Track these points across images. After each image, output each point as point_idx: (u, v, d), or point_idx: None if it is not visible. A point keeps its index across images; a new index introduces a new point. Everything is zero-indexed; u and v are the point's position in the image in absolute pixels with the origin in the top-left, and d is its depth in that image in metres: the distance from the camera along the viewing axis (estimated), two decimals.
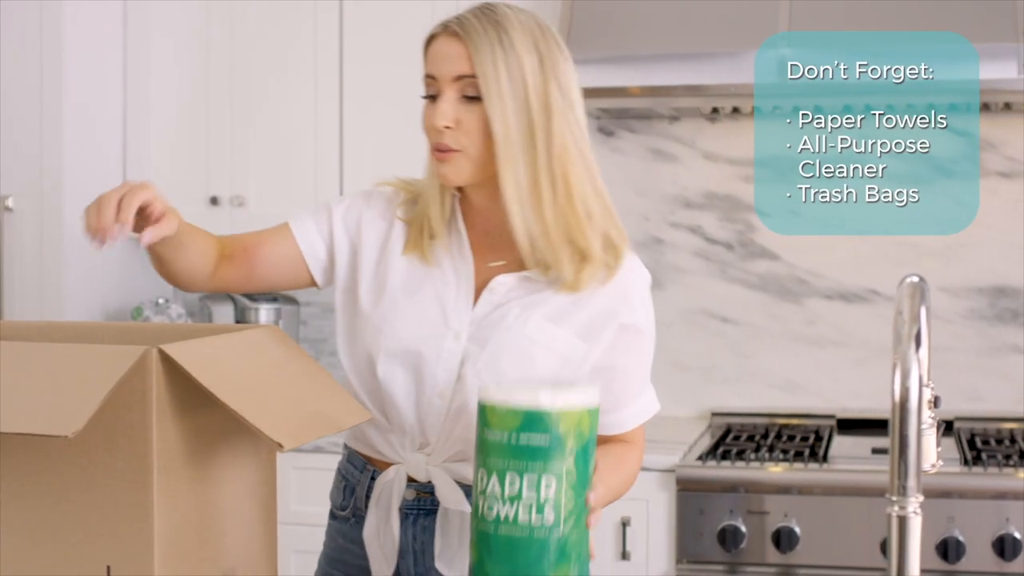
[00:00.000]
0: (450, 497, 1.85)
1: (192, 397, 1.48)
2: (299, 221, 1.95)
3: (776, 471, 2.97)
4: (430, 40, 1.85)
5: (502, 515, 1.53)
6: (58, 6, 3.45)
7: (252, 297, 3.67)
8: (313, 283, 1.96)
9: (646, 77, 3.17)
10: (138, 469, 1.43)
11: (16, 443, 1.46)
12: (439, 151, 1.81)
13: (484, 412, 1.56)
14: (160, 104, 3.68)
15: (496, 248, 1.88)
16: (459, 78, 1.79)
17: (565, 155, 1.80)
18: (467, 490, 1.86)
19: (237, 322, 3.65)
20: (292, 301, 3.72)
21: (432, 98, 1.82)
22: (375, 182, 2.00)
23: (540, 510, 1.52)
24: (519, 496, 1.52)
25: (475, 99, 1.78)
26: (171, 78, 3.67)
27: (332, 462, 3.28)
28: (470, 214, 1.91)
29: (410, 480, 1.90)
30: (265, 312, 3.63)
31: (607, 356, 1.87)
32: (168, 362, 1.43)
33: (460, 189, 1.90)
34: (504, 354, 1.82)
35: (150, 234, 1.69)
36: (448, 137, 1.79)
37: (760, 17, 3.13)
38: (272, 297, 3.69)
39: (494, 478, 1.53)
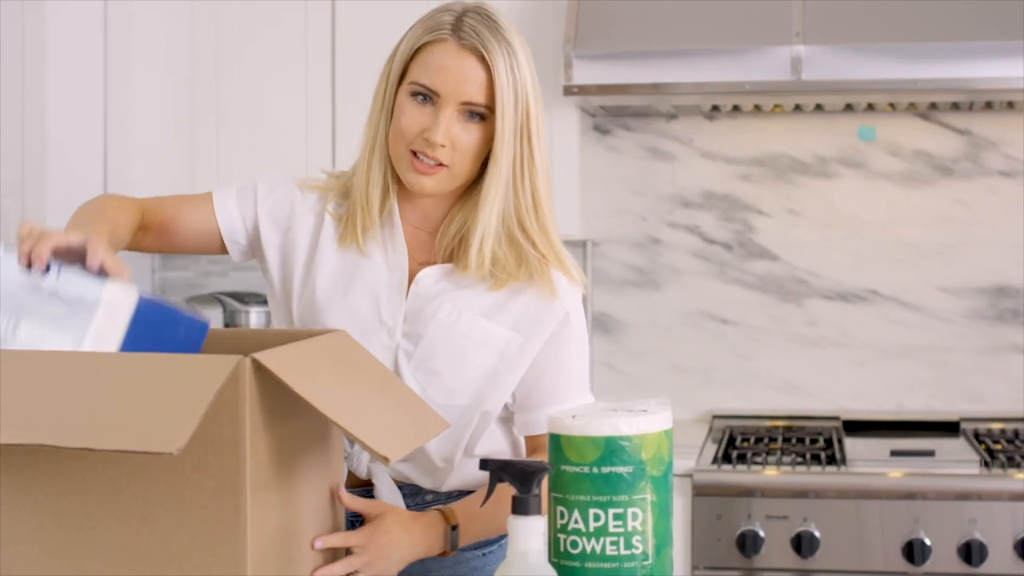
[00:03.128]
0: (388, 497, 1.84)
1: (279, 408, 1.40)
2: (223, 202, 1.92)
3: (794, 475, 2.93)
4: (433, 45, 1.78)
5: (588, 550, 1.45)
6: (40, 6, 3.33)
7: (242, 300, 3.56)
8: (225, 253, 1.95)
9: (657, 74, 3.11)
10: (230, 487, 1.34)
11: (95, 461, 1.37)
12: (423, 162, 1.78)
13: (559, 444, 1.47)
14: (143, 104, 3.57)
15: (427, 248, 1.88)
16: (467, 103, 1.77)
17: (543, 183, 1.82)
18: (405, 489, 1.87)
19: (227, 326, 3.54)
20: None
21: (422, 98, 1.78)
22: (305, 179, 1.97)
23: (628, 543, 1.45)
24: (605, 530, 1.44)
25: (472, 120, 1.78)
26: (154, 78, 3.56)
27: None
28: (407, 211, 1.89)
29: (353, 486, 1.87)
30: (255, 315, 3.53)
31: (543, 352, 1.86)
32: (260, 372, 1.35)
33: (403, 184, 1.86)
34: (437, 352, 1.81)
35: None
36: (440, 152, 1.77)
37: (773, 16, 3.08)
38: (263, 300, 3.58)
39: (575, 513, 1.45)
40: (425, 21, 1.80)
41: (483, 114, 1.77)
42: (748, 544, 2.88)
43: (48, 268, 1.50)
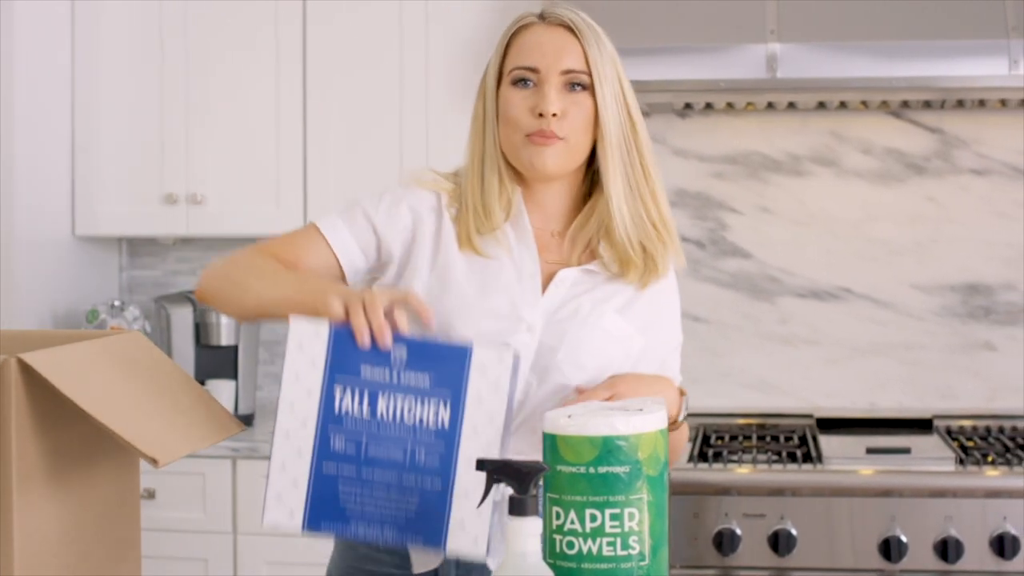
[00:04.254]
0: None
1: (53, 409, 1.36)
2: (334, 232, 1.89)
3: (770, 473, 2.92)
4: (523, 30, 1.86)
5: (585, 550, 1.43)
6: (8, 7, 3.29)
7: None
8: (344, 282, 1.93)
9: (631, 72, 3.08)
10: None
11: None
12: (542, 138, 1.80)
13: (555, 444, 1.45)
14: (110, 103, 3.53)
15: (551, 247, 1.90)
16: (568, 71, 1.81)
17: (649, 154, 1.86)
18: None
19: (197, 325, 3.51)
20: None
21: (524, 82, 1.82)
22: (410, 175, 1.96)
23: (625, 544, 1.43)
24: (602, 531, 1.43)
25: (579, 91, 1.81)
26: (122, 77, 3.52)
27: None
28: (530, 211, 1.91)
29: None
30: None
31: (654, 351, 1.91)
32: (28, 372, 1.31)
33: (524, 185, 1.90)
34: (583, 348, 1.82)
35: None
36: (555, 125, 1.80)
37: (748, 14, 3.08)
38: None
39: (572, 514, 1.43)
40: (509, 24, 1.88)
41: (585, 83, 1.82)
42: (725, 543, 2.88)
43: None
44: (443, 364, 1.50)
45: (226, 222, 3.50)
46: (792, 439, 3.26)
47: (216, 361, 3.51)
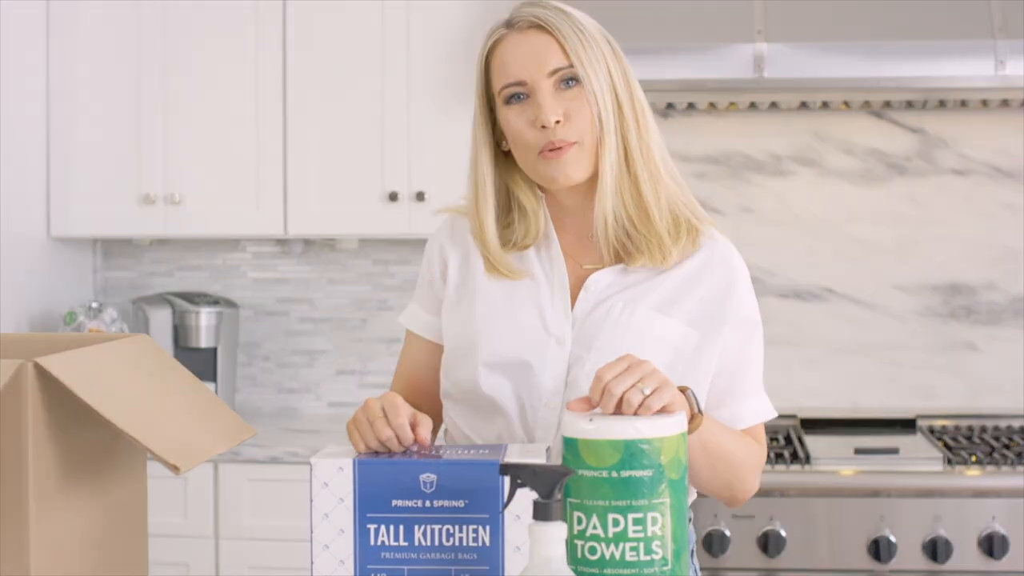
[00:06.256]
0: None
1: (68, 413, 1.33)
2: (412, 319, 1.92)
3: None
4: (496, 45, 1.79)
5: (607, 556, 1.41)
6: None
7: (192, 300, 3.48)
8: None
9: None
10: (13, 500, 1.27)
11: None
12: (553, 152, 1.74)
13: (576, 448, 1.42)
14: (86, 102, 3.48)
15: (589, 250, 1.82)
16: (554, 71, 1.74)
17: (650, 133, 1.78)
18: None
19: (175, 327, 3.46)
20: (232, 304, 3.55)
21: (517, 97, 1.76)
22: (438, 212, 1.95)
23: (648, 548, 1.41)
24: (625, 535, 1.40)
25: (574, 86, 1.74)
26: (98, 76, 3.47)
27: (288, 473, 3.14)
28: (560, 219, 1.85)
29: None
30: (206, 315, 3.45)
31: (726, 351, 1.78)
32: (44, 376, 1.27)
33: (548, 193, 1.84)
34: (615, 350, 1.71)
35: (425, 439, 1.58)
36: (561, 132, 1.73)
37: (735, 13, 3.07)
38: (213, 300, 3.51)
39: (594, 519, 1.40)
40: (482, 43, 1.81)
41: (576, 76, 1.73)
42: (715, 544, 2.87)
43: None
44: (476, 484, 1.46)
45: (205, 222, 3.46)
46: (778, 439, 3.26)
47: (195, 363, 3.47)
